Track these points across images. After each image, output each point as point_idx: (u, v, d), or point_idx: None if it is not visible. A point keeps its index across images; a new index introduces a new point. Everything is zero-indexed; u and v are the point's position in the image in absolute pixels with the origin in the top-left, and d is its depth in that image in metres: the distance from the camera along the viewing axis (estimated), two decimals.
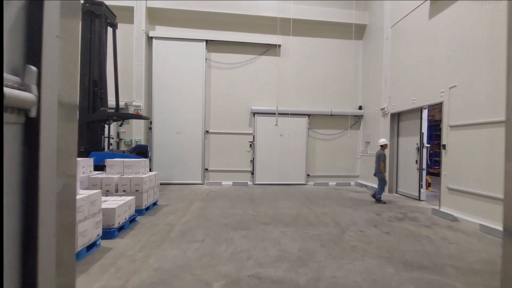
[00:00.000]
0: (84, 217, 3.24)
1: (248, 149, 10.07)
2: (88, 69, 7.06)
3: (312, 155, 10.33)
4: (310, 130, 10.32)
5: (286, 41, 10.14)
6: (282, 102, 10.15)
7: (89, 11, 7.01)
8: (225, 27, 10.08)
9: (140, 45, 9.42)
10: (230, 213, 5.54)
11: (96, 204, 3.52)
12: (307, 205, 6.50)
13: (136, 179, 5.32)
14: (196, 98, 9.80)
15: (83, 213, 3.21)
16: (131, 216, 4.63)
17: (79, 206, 3.10)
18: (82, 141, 6.98)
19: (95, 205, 3.46)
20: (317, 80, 10.38)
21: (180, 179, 9.67)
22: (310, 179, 10.27)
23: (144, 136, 9.62)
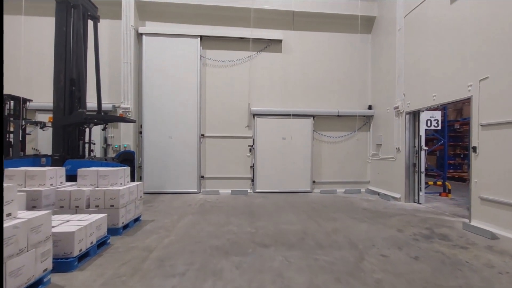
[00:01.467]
0: (19, 250, 2.39)
1: (248, 154, 9.22)
2: (64, 66, 6.27)
3: (317, 159, 9.44)
4: (315, 132, 9.45)
5: (288, 36, 9.33)
6: (285, 102, 9.33)
7: (64, 1, 6.24)
8: (221, 21, 9.29)
9: (128, 42, 8.65)
10: (224, 231, 4.67)
11: (42, 229, 2.67)
12: (314, 218, 5.60)
13: (111, 192, 4.47)
14: (190, 99, 8.99)
15: (16, 244, 2.35)
16: (100, 238, 3.77)
17: (8, 237, 2.25)
18: (56, 148, 6.19)
19: (39, 232, 2.61)
20: (322, 78, 9.53)
21: (173, 188, 8.82)
22: (316, 186, 9.37)
23: (134, 141, 8.81)
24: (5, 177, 4.61)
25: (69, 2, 6.29)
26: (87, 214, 3.97)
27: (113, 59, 8.96)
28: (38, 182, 4.61)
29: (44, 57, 8.61)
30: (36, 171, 4.62)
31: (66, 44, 6.32)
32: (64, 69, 6.28)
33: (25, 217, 2.47)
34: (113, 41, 8.97)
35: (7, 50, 8.98)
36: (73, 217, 3.78)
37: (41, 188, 4.47)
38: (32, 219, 2.50)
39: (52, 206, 4.51)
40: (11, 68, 8.89)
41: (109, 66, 9.01)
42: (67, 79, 6.38)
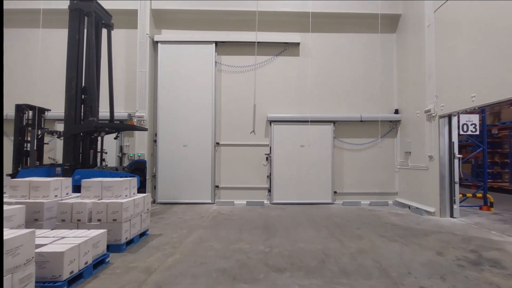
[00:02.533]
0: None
1: (265, 162, 8.74)
2: (76, 74, 6.19)
3: (339, 168, 8.78)
4: (336, 139, 8.82)
5: (306, 39, 8.88)
6: (303, 107, 8.82)
7: (77, 9, 6.20)
8: (237, 26, 9.03)
9: (144, 50, 8.58)
10: (234, 249, 4.20)
11: (22, 251, 2.34)
12: (336, 235, 4.99)
13: (113, 205, 4.16)
14: (205, 107, 8.72)
15: None
16: (97, 257, 3.43)
17: None
18: (67, 157, 6.07)
19: (17, 254, 2.28)
20: (343, 81, 8.94)
21: (187, 198, 8.50)
22: (337, 197, 8.69)
23: (148, 149, 8.63)
24: (10, 187, 4.45)
25: (82, 10, 6.25)
26: (86, 230, 3.66)
27: (129, 68, 8.93)
28: (42, 193, 4.40)
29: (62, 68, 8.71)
30: (40, 182, 4.42)
31: (78, 52, 6.26)
32: (75, 77, 6.20)
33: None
34: (130, 50, 8.97)
35: (26, 62, 9.23)
36: (70, 233, 3.48)
37: (43, 200, 4.25)
38: (8, 241, 2.17)
39: (55, 219, 4.27)
40: (29, 79, 9.10)
41: (125, 75, 8.99)
42: (79, 87, 6.29)
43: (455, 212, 6.65)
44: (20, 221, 3.63)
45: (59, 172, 7.07)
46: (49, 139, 8.71)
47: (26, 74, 9.11)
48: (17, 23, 9.22)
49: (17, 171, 7.20)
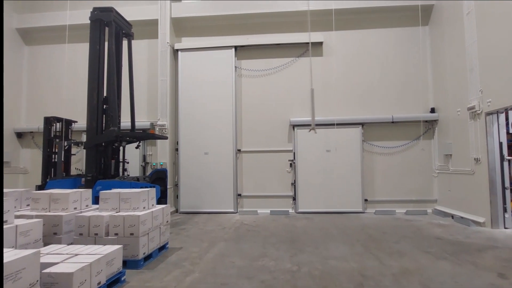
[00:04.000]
0: None
1: (288, 169, 8.31)
2: (97, 85, 6.20)
3: (369, 174, 8.13)
4: (365, 142, 8.20)
5: (329, 38, 8.43)
6: (328, 110, 8.33)
7: (97, 20, 6.25)
8: (256, 29, 8.79)
9: (164, 59, 8.58)
10: (257, 267, 3.81)
11: (24, 275, 2.12)
12: (372, 251, 4.44)
13: (130, 218, 3.95)
14: (225, 112, 8.50)
15: None
16: (112, 276, 3.20)
17: None
18: (89, 168, 6.04)
19: (19, 279, 2.06)
20: (372, 81, 8.34)
21: (209, 207, 8.26)
22: (369, 205, 8.03)
23: (170, 158, 8.54)
24: (31, 200, 4.41)
25: (102, 21, 6.29)
26: (102, 246, 3.45)
27: (151, 77, 8.98)
28: (61, 206, 4.32)
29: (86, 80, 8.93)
30: (59, 194, 4.34)
31: (99, 63, 6.29)
32: (97, 88, 6.22)
33: None
34: (151, 59, 9.04)
35: (54, 76, 9.57)
36: (85, 249, 3.28)
37: (62, 213, 4.15)
38: (7, 264, 1.96)
39: (73, 233, 4.14)
40: (57, 92, 9.41)
41: (147, 84, 9.04)
42: (100, 97, 6.30)
43: (507, 221, 5.81)
44: (37, 236, 3.51)
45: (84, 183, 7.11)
46: (76, 150, 8.89)
47: (54, 88, 9.45)
48: (44, 40, 9.63)
49: (45, 182, 7.34)
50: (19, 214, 4.06)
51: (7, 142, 9.15)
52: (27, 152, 9.55)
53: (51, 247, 3.32)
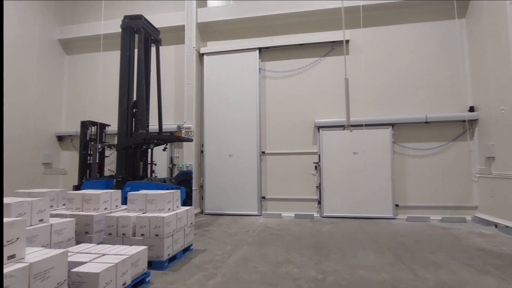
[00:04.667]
0: None
1: (313, 172, 8.10)
2: (127, 89, 6.47)
3: (401, 177, 7.68)
4: (396, 144, 7.77)
5: (356, 35, 8.12)
6: (355, 110, 7.96)
7: (128, 27, 6.53)
8: (280, 30, 8.72)
9: (190, 63, 8.78)
10: (281, 273, 3.71)
11: (53, 274, 2.21)
12: (405, 261, 4.15)
13: (156, 220, 4.04)
14: (249, 114, 8.50)
15: None
16: (137, 277, 3.27)
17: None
18: (119, 169, 6.30)
19: (47, 278, 2.16)
20: (402, 79, 7.90)
21: (233, 209, 8.28)
22: (400, 211, 7.58)
23: (196, 160, 8.69)
24: (66, 200, 4.67)
25: (132, 28, 6.57)
26: (128, 246, 3.56)
27: (178, 82, 9.25)
28: (93, 206, 4.52)
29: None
30: (91, 194, 4.55)
31: (129, 68, 6.57)
32: (127, 92, 6.49)
33: (28, 261, 2.04)
34: (178, 64, 9.31)
35: (90, 83, 10.17)
36: (112, 249, 3.40)
37: (93, 213, 4.34)
38: (36, 264, 2.06)
39: (103, 233, 4.32)
40: (93, 97, 10.00)
41: (175, 89, 9.31)
42: (130, 101, 6.56)
43: None
44: (70, 235, 3.70)
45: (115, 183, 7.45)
46: (109, 152, 9.37)
47: (91, 94, 10.05)
48: (82, 49, 10.29)
49: (81, 182, 7.81)
50: (55, 213, 4.31)
51: (49, 145, 9.87)
52: (66, 154, 10.23)
53: (82, 246, 3.47)
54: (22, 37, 8.96)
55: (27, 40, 9.13)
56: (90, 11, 10.30)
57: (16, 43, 8.76)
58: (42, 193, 4.45)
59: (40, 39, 9.55)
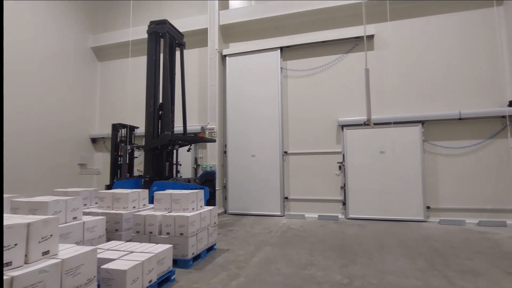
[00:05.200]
0: None
1: (337, 172, 7.90)
2: (153, 92, 6.71)
3: (432, 178, 7.27)
4: (426, 142, 7.36)
5: (381, 30, 7.81)
6: (381, 108, 7.72)
7: (154, 32, 6.77)
8: (301, 29, 8.61)
9: (213, 65, 8.94)
10: (304, 276, 3.64)
11: (83, 270, 2.33)
12: (439, 268, 3.91)
13: (180, 219, 4.14)
14: (272, 114, 8.48)
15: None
16: (162, 275, 3.37)
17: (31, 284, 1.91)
18: (147, 170, 6.54)
19: (77, 274, 2.28)
20: (433, 73, 7.47)
21: (256, 210, 8.30)
22: (431, 213, 7.17)
23: (219, 160, 8.82)
24: (98, 199, 4.93)
25: (157, 33, 6.80)
26: (154, 244, 3.68)
27: (201, 84, 9.46)
28: (122, 204, 4.74)
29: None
30: (121, 194, 4.77)
31: (155, 72, 6.80)
32: (153, 95, 6.72)
33: (61, 257, 2.17)
34: (202, 67, 9.53)
35: (121, 87, 10.68)
36: (139, 247, 3.54)
37: (122, 212, 4.55)
38: (67, 260, 2.18)
39: (131, 230, 4.51)
40: (123, 101, 10.49)
41: (198, 91, 9.53)
42: (156, 104, 6.80)
43: None
44: (101, 232, 3.90)
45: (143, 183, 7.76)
46: (138, 153, 9.79)
47: (121, 98, 10.57)
48: (113, 55, 10.84)
49: (113, 182, 8.22)
50: (88, 211, 4.57)
51: (84, 147, 10.51)
52: (99, 156, 10.83)
53: (112, 243, 3.65)
54: (60, 47, 9.63)
55: (65, 50, 9.79)
56: (119, 19, 10.83)
57: (56, 53, 9.44)
58: (77, 192, 4.72)
59: (75, 48, 10.20)
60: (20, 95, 8.23)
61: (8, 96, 7.88)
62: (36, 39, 8.80)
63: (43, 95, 8.94)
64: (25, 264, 2.00)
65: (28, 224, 2.05)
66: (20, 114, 8.22)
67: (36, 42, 8.79)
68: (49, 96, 9.15)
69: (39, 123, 8.77)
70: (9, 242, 1.90)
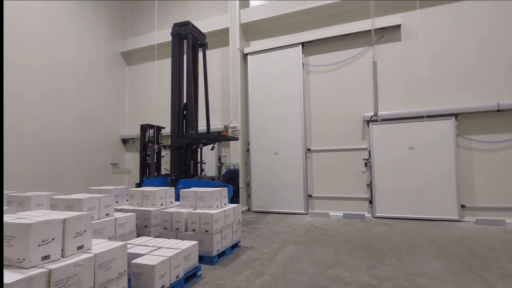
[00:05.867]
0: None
1: (363, 169, 7.65)
2: (178, 93, 6.89)
3: (467, 174, 6.81)
4: (460, 137, 6.90)
5: (409, 19, 7.42)
6: (410, 101, 7.37)
7: (177, 34, 6.94)
8: (323, 23, 8.41)
9: (235, 64, 9.01)
10: (330, 276, 3.57)
11: (114, 265, 2.43)
12: (476, 270, 3.66)
13: (205, 216, 4.22)
14: (294, 111, 8.39)
15: (78, 286, 2.12)
16: (189, 271, 3.46)
17: (67, 277, 2.03)
18: (173, 168, 6.74)
19: (109, 268, 2.39)
20: (467, 62, 6.97)
21: (279, 207, 8.28)
22: (466, 212, 6.73)
23: (242, 159, 8.89)
24: (129, 196, 5.16)
25: (181, 34, 6.97)
26: (181, 241, 3.79)
27: (224, 83, 9.58)
28: (151, 202, 4.92)
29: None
30: (149, 191, 4.95)
31: (179, 73, 6.98)
32: (178, 96, 6.91)
33: (94, 252, 2.30)
34: (224, 66, 9.64)
35: (148, 89, 11.09)
36: (167, 243, 3.66)
37: (151, 209, 4.73)
38: (100, 255, 2.30)
39: (159, 227, 4.68)
40: (150, 103, 10.90)
41: (221, 90, 9.66)
42: (181, 104, 6.98)
43: None
44: (131, 228, 4.08)
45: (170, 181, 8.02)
46: (165, 153, 10.14)
47: (148, 99, 11.00)
48: (140, 59, 11.29)
49: (142, 180, 8.59)
50: (119, 208, 4.81)
51: (116, 148, 11.07)
52: (130, 155, 11.35)
53: (141, 239, 3.80)
54: (94, 54, 10.23)
55: (98, 57, 10.38)
56: (145, 24, 11.25)
57: (90, 60, 10.03)
58: (109, 190, 4.98)
59: (107, 54, 10.77)
60: (59, 100, 8.82)
61: (49, 101, 8.49)
62: (74, 48, 9.42)
63: (79, 100, 9.53)
64: (62, 257, 2.14)
65: (64, 220, 2.19)
66: (59, 118, 8.81)
67: (73, 50, 9.41)
68: (84, 101, 9.74)
69: (75, 127, 9.37)
70: (47, 237, 2.04)
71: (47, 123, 8.46)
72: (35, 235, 1.97)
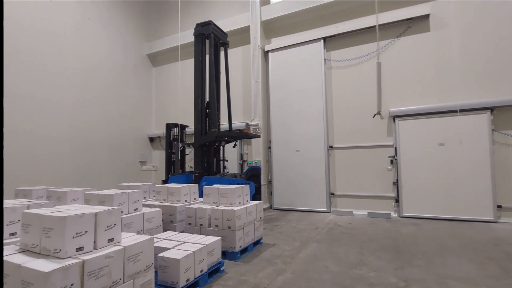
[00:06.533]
0: (112, 283, 2.23)
1: (389, 166, 7.38)
2: (201, 92, 7.03)
3: (505, 172, 6.34)
4: (497, 132, 6.44)
5: (439, 8, 7.02)
6: (440, 95, 6.99)
7: (200, 34, 7.08)
8: (345, 16, 8.18)
9: (256, 61, 9.03)
10: (354, 276, 3.50)
11: (142, 258, 2.54)
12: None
13: (228, 213, 4.29)
14: (315, 108, 8.26)
15: (108, 277, 2.20)
16: (212, 266, 3.54)
17: (99, 268, 2.15)
18: (197, 165, 6.91)
19: (137, 261, 2.50)
20: (503, 52, 6.47)
21: (301, 205, 8.21)
22: (503, 213, 6.28)
23: (264, 156, 8.92)
24: (156, 192, 5.36)
25: (203, 34, 7.10)
26: (204, 236, 3.89)
27: (245, 81, 9.65)
28: (176, 198, 5.09)
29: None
30: (174, 188, 5.12)
31: (202, 72, 7.12)
32: (201, 95, 7.05)
33: (122, 245, 2.42)
34: (245, 64, 9.70)
35: (172, 89, 11.42)
36: (191, 238, 3.77)
37: (176, 204, 4.88)
38: (129, 247, 2.42)
39: (184, 222, 4.82)
40: (174, 102, 11.24)
41: (242, 88, 9.74)
42: (204, 103, 7.12)
43: None
44: (158, 223, 4.25)
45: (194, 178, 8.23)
46: (189, 150, 10.41)
47: (173, 99, 11.36)
48: (165, 60, 11.66)
49: (168, 177, 8.88)
50: (147, 203, 5.01)
51: (144, 146, 11.55)
52: (157, 154, 11.79)
53: (167, 233, 3.95)
54: (123, 57, 10.73)
55: (126, 60, 10.89)
56: (169, 25, 11.58)
57: (119, 63, 10.55)
58: (137, 186, 5.22)
59: (135, 57, 11.27)
60: (91, 104, 9.36)
61: (83, 106, 9.04)
62: (104, 53, 9.97)
63: (110, 102, 10.07)
64: (94, 249, 2.27)
65: (95, 214, 2.33)
66: (91, 120, 9.34)
67: (104, 55, 9.96)
68: (115, 103, 10.27)
69: (107, 128, 9.93)
70: (80, 229, 2.19)
71: (81, 126, 9.04)
72: (70, 228, 2.12)
